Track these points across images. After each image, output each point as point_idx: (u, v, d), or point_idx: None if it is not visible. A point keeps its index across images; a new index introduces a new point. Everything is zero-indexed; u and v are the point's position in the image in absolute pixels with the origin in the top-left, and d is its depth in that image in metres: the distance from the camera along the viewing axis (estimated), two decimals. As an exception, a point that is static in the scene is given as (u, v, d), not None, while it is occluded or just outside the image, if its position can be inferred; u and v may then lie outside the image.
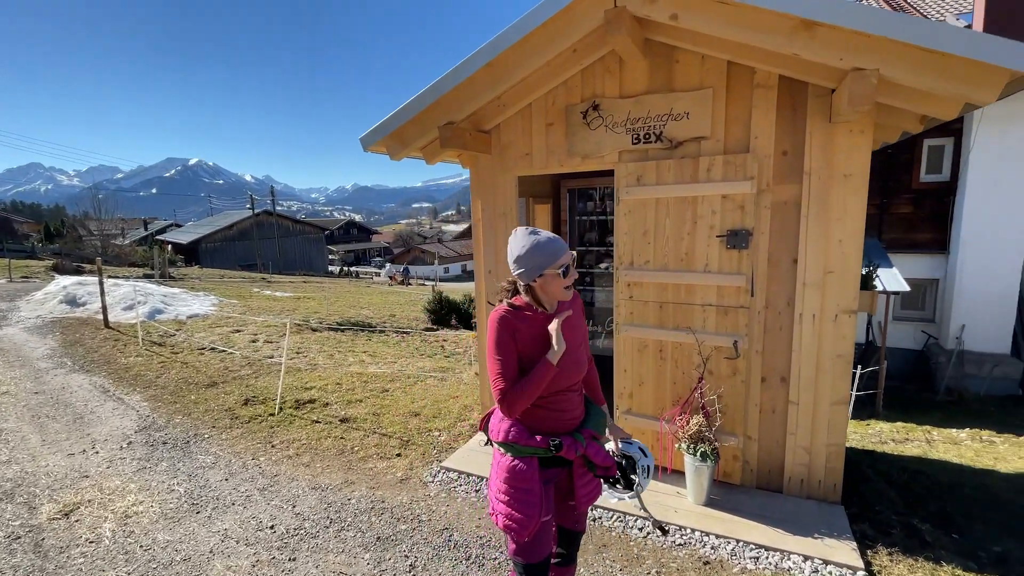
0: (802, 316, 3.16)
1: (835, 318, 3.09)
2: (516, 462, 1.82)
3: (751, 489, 3.43)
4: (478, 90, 3.38)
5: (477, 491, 3.57)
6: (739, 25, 2.60)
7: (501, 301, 1.90)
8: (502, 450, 1.87)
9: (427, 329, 12.97)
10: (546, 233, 1.82)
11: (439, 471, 3.84)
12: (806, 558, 2.78)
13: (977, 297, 9.01)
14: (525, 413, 1.84)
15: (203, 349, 7.71)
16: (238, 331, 9.13)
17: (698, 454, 3.21)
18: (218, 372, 6.51)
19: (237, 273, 26.36)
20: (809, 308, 3.14)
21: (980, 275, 8.95)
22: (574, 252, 1.87)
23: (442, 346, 10.52)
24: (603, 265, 5.41)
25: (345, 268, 43.88)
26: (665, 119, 3.31)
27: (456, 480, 3.71)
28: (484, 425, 2.02)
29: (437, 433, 4.60)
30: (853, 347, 3.11)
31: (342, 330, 10.34)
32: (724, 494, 3.37)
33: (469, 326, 13.41)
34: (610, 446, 2.12)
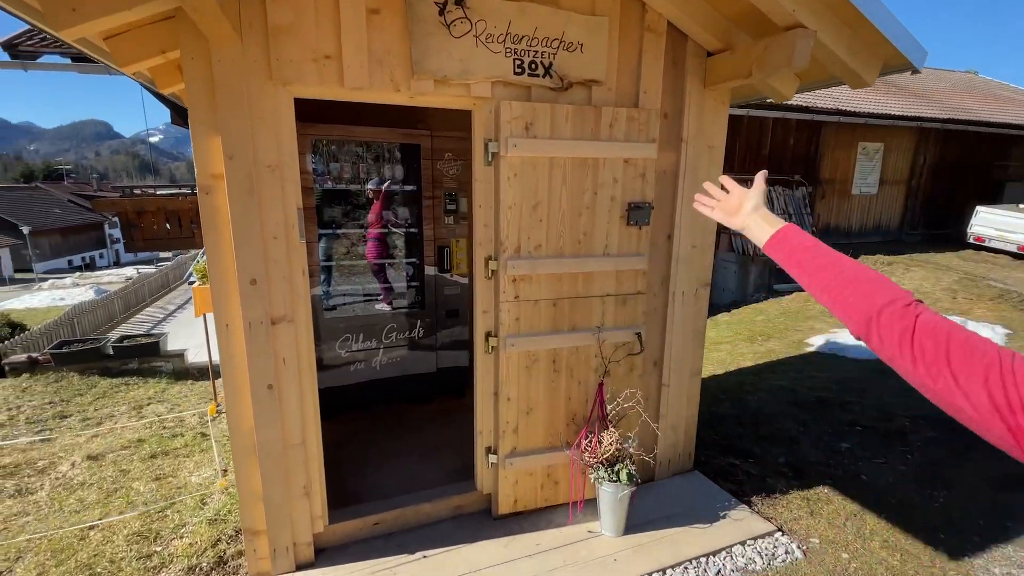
0: (675, 295, 2.98)
1: (696, 292, 3.05)
2: None
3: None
4: None
5: None
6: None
7: None
8: None
9: None
10: None
11: None
12: (742, 544, 2.68)
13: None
14: None
15: None
16: None
17: (623, 476, 2.62)
18: None
19: None
20: (680, 285, 2.98)
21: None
22: None
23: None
24: (348, 250, 3.85)
25: None
26: (556, 46, 2.37)
27: None
28: None
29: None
30: (706, 318, 3.17)
31: None
32: (621, 508, 2.92)
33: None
34: None
